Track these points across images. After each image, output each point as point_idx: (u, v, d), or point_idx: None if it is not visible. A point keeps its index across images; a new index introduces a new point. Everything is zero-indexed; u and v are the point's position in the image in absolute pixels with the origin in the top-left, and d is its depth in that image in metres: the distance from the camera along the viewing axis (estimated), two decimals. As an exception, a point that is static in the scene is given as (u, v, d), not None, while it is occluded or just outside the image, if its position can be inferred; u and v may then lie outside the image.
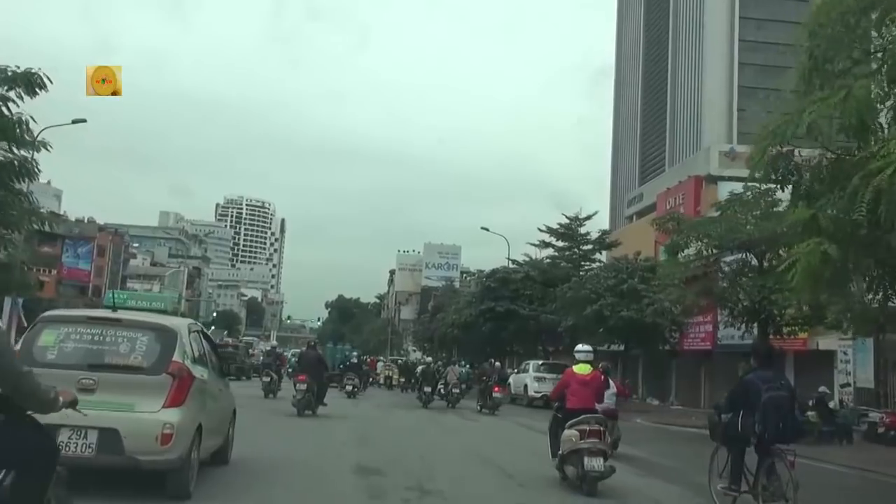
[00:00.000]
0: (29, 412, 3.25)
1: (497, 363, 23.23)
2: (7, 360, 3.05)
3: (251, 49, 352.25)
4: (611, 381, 11.61)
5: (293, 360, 32.15)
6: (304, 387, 15.29)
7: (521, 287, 31.71)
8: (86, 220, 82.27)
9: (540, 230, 32.66)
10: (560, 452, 8.49)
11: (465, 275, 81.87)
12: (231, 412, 8.36)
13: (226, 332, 59.64)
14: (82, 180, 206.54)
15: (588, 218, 31.14)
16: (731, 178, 45.45)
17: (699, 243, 19.06)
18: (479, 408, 21.08)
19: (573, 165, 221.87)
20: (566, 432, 8.32)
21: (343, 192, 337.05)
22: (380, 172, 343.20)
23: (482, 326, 32.76)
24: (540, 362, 25.76)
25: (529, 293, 31.40)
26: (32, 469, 3.15)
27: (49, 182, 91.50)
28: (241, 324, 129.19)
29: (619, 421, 11.57)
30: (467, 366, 30.31)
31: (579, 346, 9.53)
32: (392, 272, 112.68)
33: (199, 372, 6.52)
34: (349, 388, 23.69)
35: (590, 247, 32.70)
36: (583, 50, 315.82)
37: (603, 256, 33.14)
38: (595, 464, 7.99)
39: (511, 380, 25.56)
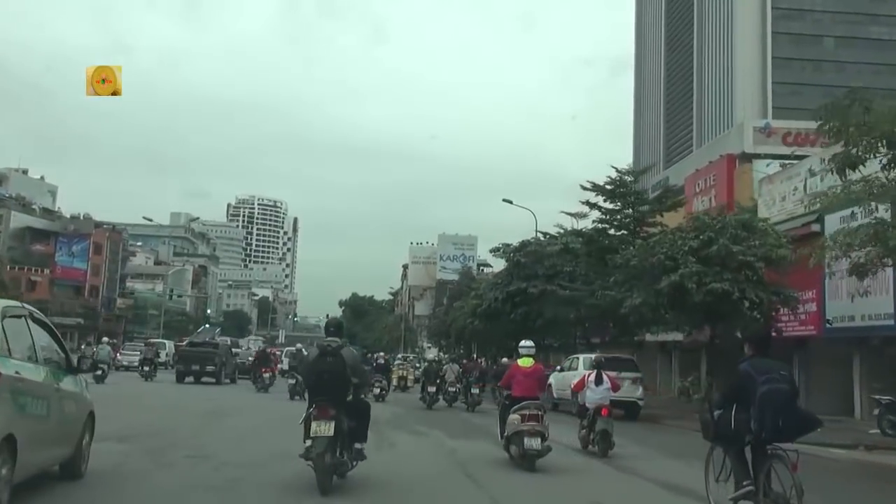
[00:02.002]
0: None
1: (504, 359, 22.39)
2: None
3: (264, 47, 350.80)
4: (604, 376, 11.74)
5: (285, 360, 31.19)
6: None
7: (558, 262, 25.56)
8: (81, 217, 78.28)
9: (584, 188, 25.46)
10: (506, 434, 9.71)
11: (481, 267, 76.98)
12: (85, 417, 7.19)
13: (218, 330, 55.36)
14: (95, 182, 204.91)
15: (644, 171, 25.49)
16: (767, 156, 41.05)
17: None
18: (466, 406, 20.76)
19: (593, 155, 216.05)
20: (511, 416, 9.53)
21: (357, 189, 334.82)
22: (394, 169, 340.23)
23: (510, 314, 26.74)
24: (602, 356, 19.58)
25: (569, 269, 25.02)
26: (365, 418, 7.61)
27: (42, 178, 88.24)
28: (251, 324, 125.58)
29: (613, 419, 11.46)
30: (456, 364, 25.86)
31: (523, 342, 10.91)
32: (405, 266, 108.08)
33: (9, 368, 5.37)
34: (377, 390, 22.07)
35: (647, 207, 24.94)
36: (601, 38, 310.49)
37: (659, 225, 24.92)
38: (533, 443, 9.20)
39: (552, 380, 20.34)
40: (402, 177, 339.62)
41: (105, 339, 34.93)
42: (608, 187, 24.76)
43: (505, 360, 21.67)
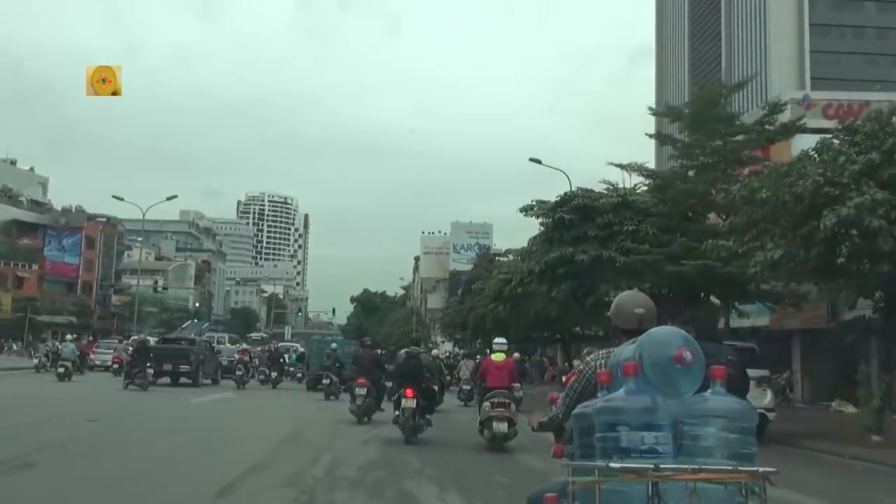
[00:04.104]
0: None
1: (545, 358, 18.92)
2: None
3: (276, 45, 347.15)
4: None
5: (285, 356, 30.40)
6: (363, 391, 14.11)
7: (616, 220, 18.58)
8: (73, 209, 73.97)
9: (655, 112, 19.16)
10: (480, 419, 10.93)
11: (497, 258, 71.67)
12: None
13: (206, 325, 51.00)
14: (107, 182, 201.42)
15: (740, 86, 18.94)
16: (807, 130, 35.70)
17: None
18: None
19: (612, 146, 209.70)
20: (484, 404, 10.85)
21: (368, 186, 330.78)
22: (405, 165, 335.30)
23: (550, 291, 19.65)
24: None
25: (631, 228, 18.11)
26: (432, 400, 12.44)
27: (32, 169, 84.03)
28: (259, 321, 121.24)
29: None
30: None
31: (497, 339, 12.89)
32: (416, 258, 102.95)
33: None
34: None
35: (742, 137, 17.04)
36: (617, 28, 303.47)
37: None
38: (501, 427, 10.44)
39: None
40: (414, 173, 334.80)
41: (70, 335, 32.10)
42: (691, 113, 17.41)
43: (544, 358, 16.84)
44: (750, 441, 2.44)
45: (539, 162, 25.63)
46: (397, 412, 11.36)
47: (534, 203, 20.56)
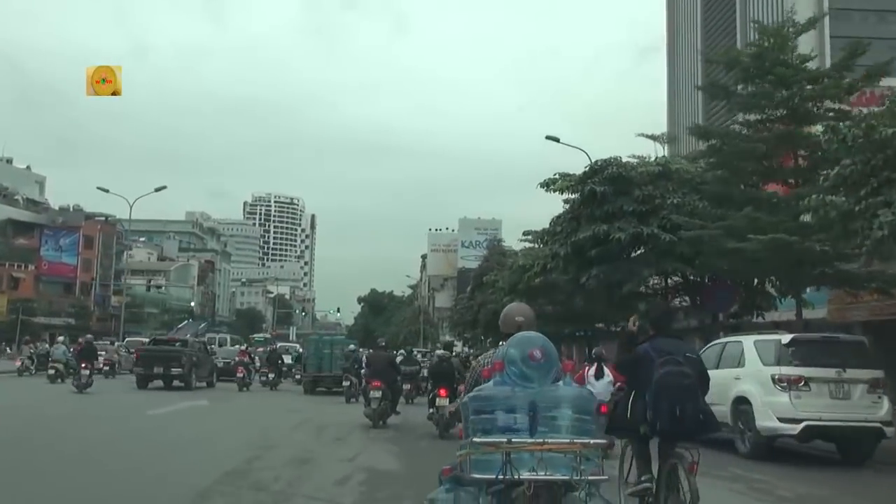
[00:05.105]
0: None
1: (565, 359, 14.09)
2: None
3: (281, 45, 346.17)
4: (605, 370, 10.03)
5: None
6: (378, 394, 13.41)
7: (657, 192, 15.79)
8: (71, 209, 72.11)
9: (709, 59, 16.32)
10: None
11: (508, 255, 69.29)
12: None
13: (203, 325, 49.03)
14: (113, 184, 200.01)
15: (812, 23, 15.25)
16: (830, 118, 33.00)
17: None
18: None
19: (620, 145, 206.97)
20: None
21: (375, 186, 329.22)
22: (412, 165, 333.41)
23: (582, 277, 16.42)
24: (781, 338, 10.06)
25: (676, 201, 15.28)
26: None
27: (29, 167, 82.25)
28: (264, 322, 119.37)
29: None
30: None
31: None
32: (424, 256, 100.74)
33: None
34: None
35: (811, 88, 13.40)
36: (626, 25, 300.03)
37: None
38: None
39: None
40: (421, 173, 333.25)
41: (60, 337, 30.69)
42: (745, 59, 14.10)
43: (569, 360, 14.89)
44: (589, 420, 3.26)
45: (557, 140, 23.15)
46: (431, 409, 12.67)
47: (556, 176, 17.67)
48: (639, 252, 16.25)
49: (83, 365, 20.38)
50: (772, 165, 13.30)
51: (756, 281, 15.04)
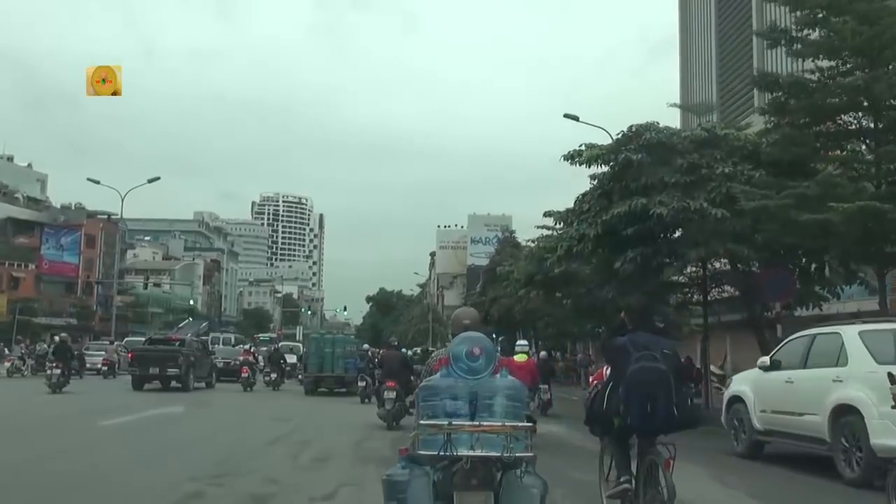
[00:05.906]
0: None
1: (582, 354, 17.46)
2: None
3: (290, 46, 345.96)
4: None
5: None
6: (392, 395, 13.11)
7: (702, 161, 13.59)
8: (72, 207, 70.80)
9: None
10: None
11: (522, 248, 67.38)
12: None
13: (205, 325, 47.62)
14: (121, 184, 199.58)
15: None
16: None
17: None
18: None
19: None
20: None
21: (383, 187, 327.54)
22: (423, 166, 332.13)
23: (616, 261, 14.28)
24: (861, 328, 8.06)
25: (727, 171, 13.20)
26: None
27: (30, 165, 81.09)
28: (271, 321, 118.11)
29: None
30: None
31: (519, 342, 13.99)
32: (432, 254, 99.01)
33: None
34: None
35: None
36: (638, 23, 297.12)
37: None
38: None
39: (749, 392, 9.64)
40: (430, 174, 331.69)
41: (58, 336, 29.47)
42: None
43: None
44: (520, 407, 3.70)
45: (576, 119, 21.13)
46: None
47: (582, 148, 15.02)
48: (680, 233, 14.18)
49: (56, 364, 19.59)
50: (849, 123, 11.21)
51: (814, 266, 13.00)
